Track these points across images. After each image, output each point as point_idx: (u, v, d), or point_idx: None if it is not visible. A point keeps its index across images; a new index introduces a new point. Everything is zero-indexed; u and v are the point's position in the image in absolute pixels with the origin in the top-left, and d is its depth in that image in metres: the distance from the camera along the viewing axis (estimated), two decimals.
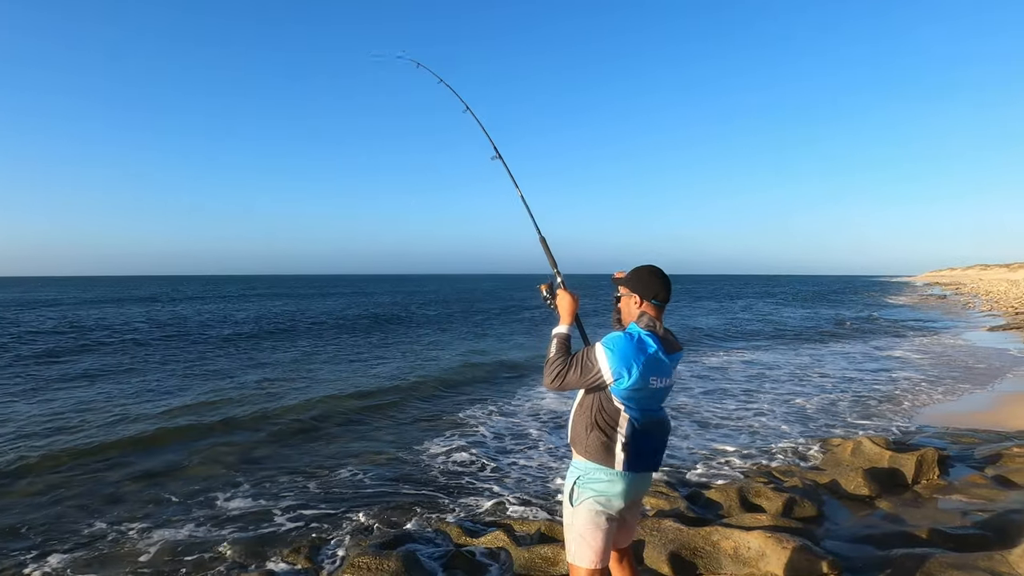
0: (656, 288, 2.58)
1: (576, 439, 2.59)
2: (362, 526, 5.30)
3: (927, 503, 5.34)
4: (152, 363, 15.40)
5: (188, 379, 13.08)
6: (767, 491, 5.28)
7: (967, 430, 8.00)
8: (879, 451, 6.22)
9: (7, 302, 47.06)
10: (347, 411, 9.97)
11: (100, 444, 7.87)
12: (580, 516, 2.56)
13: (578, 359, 2.49)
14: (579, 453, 2.58)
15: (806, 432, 8.30)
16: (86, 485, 6.48)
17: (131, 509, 5.82)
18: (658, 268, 2.64)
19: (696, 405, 10.13)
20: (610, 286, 2.79)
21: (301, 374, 13.79)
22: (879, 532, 4.61)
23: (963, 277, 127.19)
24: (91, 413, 9.69)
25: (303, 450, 7.79)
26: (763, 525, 4.38)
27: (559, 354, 2.56)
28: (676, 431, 8.37)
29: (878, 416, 9.24)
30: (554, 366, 2.53)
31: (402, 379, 12.96)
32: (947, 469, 6.12)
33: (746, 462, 6.92)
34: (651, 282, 2.59)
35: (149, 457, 7.46)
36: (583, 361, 2.47)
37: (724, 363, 15.26)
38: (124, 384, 12.40)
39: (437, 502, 5.89)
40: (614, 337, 2.48)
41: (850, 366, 14.63)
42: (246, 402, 10.57)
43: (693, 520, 4.71)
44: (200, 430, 8.69)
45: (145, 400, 10.77)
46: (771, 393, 11.25)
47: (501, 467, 6.95)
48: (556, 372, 2.51)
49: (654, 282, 2.58)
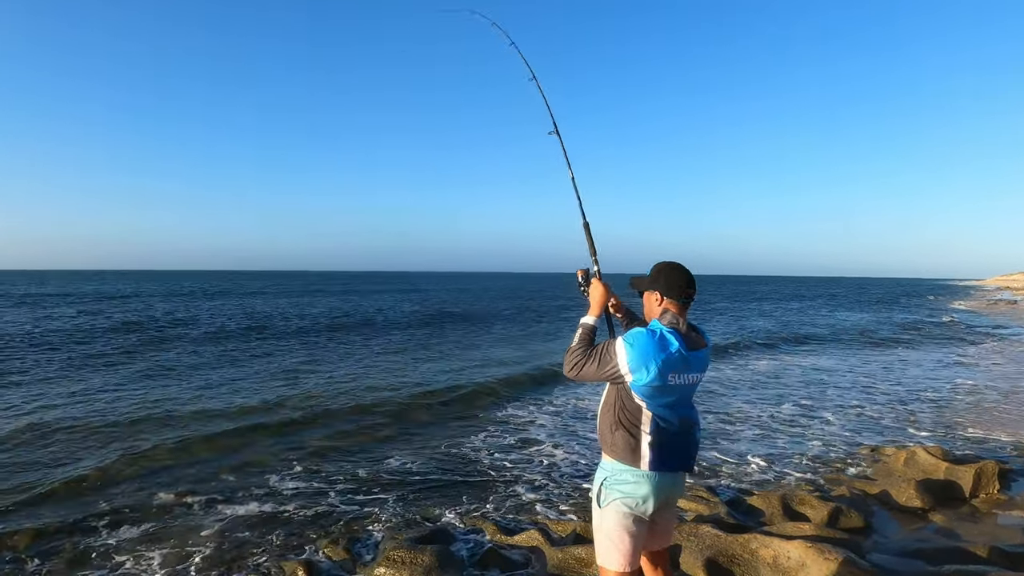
0: (679, 284, 2.53)
1: (603, 438, 2.57)
2: (400, 519, 5.38)
3: (985, 518, 5.08)
4: (227, 358, 15.98)
5: (259, 375, 13.53)
6: (812, 499, 5.12)
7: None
8: (935, 462, 5.95)
9: (98, 295, 49.32)
10: (398, 406, 10.10)
11: (183, 440, 8.12)
12: (608, 518, 2.52)
13: (598, 351, 2.48)
14: (606, 453, 2.55)
15: (858, 440, 7.99)
16: (164, 470, 6.82)
17: (195, 493, 6.09)
18: (680, 264, 2.59)
19: (745, 409, 9.89)
20: (631, 283, 2.75)
21: (359, 369, 14.08)
22: (931, 547, 4.40)
23: None
24: (181, 404, 10.14)
25: (353, 443, 7.95)
26: (805, 535, 4.24)
27: (581, 344, 2.57)
28: (721, 435, 8.20)
29: (936, 425, 8.83)
30: (574, 355, 2.53)
31: (455, 375, 13.11)
32: (1008, 483, 5.81)
33: (792, 469, 6.72)
34: (673, 278, 2.54)
35: (211, 448, 7.75)
36: (602, 354, 2.46)
37: (778, 367, 14.87)
38: (201, 379, 12.93)
39: (476, 498, 5.93)
40: (635, 332, 2.44)
41: (909, 372, 14.05)
42: (314, 395, 10.88)
43: (732, 527, 4.59)
44: (270, 427, 8.89)
45: (222, 394, 11.22)
46: (823, 398, 10.90)
47: (541, 466, 6.94)
48: (575, 362, 2.51)
49: (676, 278, 2.54)
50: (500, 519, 5.24)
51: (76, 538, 5.08)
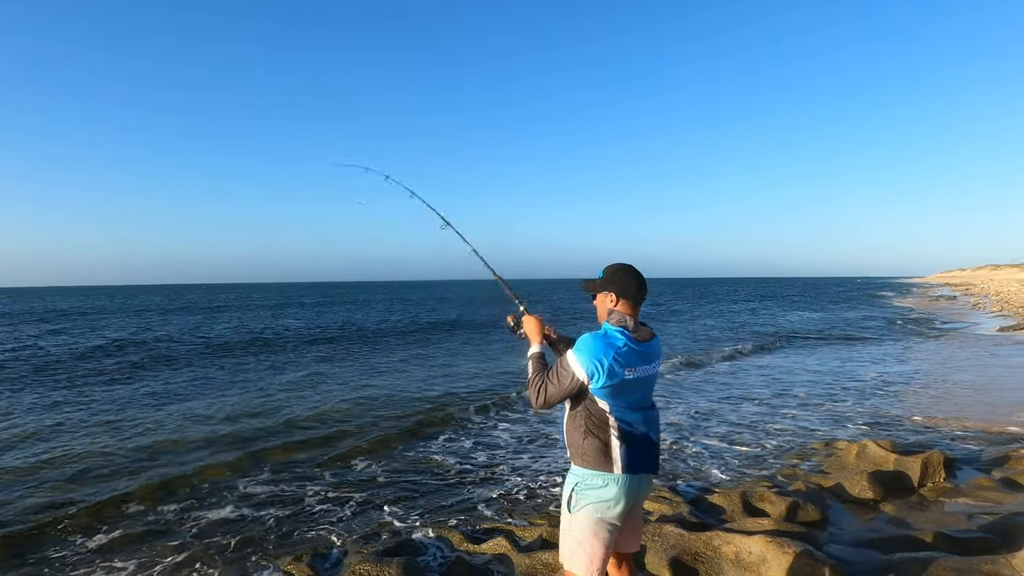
0: (630, 285, 2.62)
1: (573, 448, 2.61)
2: (365, 532, 5.31)
3: (932, 506, 5.29)
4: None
5: (212, 387, 13.16)
6: (770, 495, 5.25)
7: (975, 432, 7.93)
8: (884, 454, 6.17)
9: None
10: (359, 417, 10.00)
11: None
12: (578, 523, 2.57)
13: (554, 370, 2.55)
14: (576, 461, 2.59)
15: (812, 435, 8.24)
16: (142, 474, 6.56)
17: (150, 510, 5.89)
18: (631, 266, 2.69)
19: (703, 409, 10.09)
20: (582, 286, 2.82)
21: (312, 383, 13.85)
22: (883, 536, 4.57)
23: (973, 278, 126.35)
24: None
25: (313, 456, 7.80)
26: (765, 530, 4.34)
27: (536, 372, 2.63)
28: (682, 435, 8.34)
29: (884, 418, 9.17)
30: (535, 385, 2.58)
31: (419, 385, 13.00)
32: (954, 472, 6.06)
33: (751, 466, 6.89)
34: (626, 279, 2.63)
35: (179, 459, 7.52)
36: (558, 371, 2.52)
37: (732, 367, 15.21)
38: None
39: (441, 508, 5.90)
40: (581, 339, 2.53)
41: (855, 368, 14.54)
42: (273, 408, 10.64)
43: (695, 525, 4.67)
44: (228, 440, 8.75)
45: (177, 406, 10.86)
46: (778, 396, 11.20)
47: (507, 473, 6.95)
48: (538, 390, 2.56)
49: (628, 280, 2.62)
50: (466, 528, 5.22)
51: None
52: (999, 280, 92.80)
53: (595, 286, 2.71)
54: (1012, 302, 36.67)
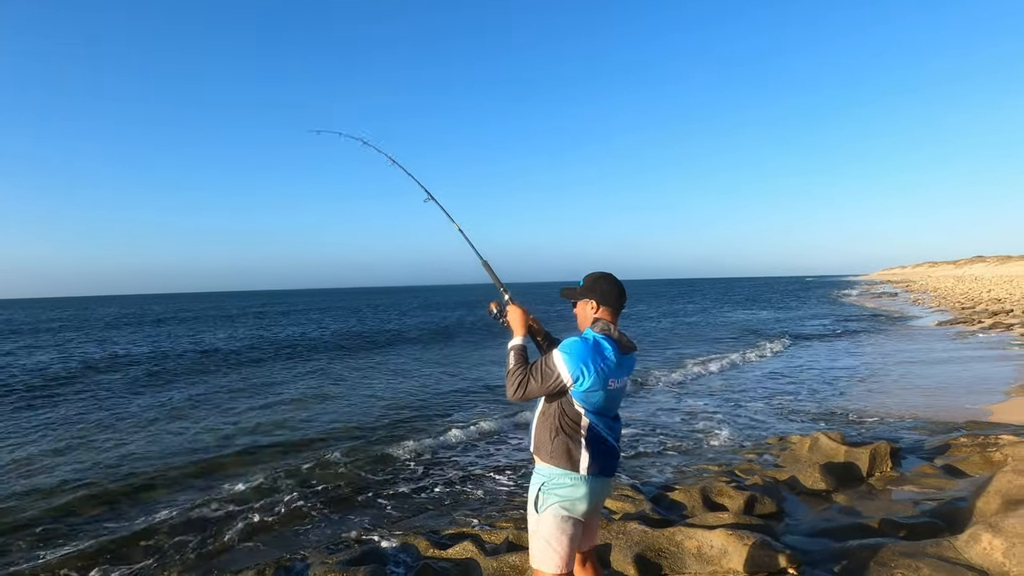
0: (612, 293, 2.66)
1: (540, 446, 2.63)
2: (329, 542, 5.24)
3: (881, 495, 5.52)
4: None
5: (170, 400, 12.75)
6: (729, 490, 5.39)
7: (919, 422, 8.30)
8: (835, 446, 6.41)
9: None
10: (321, 426, 9.84)
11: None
12: (545, 522, 2.59)
13: (538, 367, 2.54)
14: (543, 460, 2.61)
15: (766, 431, 8.50)
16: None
17: (108, 526, 5.67)
18: (611, 274, 2.72)
19: (663, 408, 10.28)
20: (563, 293, 2.86)
21: (276, 396, 13.55)
22: (836, 525, 4.75)
23: (912, 275, 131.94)
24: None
25: (273, 466, 7.64)
26: (725, 523, 4.47)
27: (518, 364, 2.61)
28: (642, 435, 8.48)
29: (834, 412, 9.51)
30: (515, 377, 2.57)
31: (379, 392, 12.86)
32: (900, 461, 6.34)
33: (709, 462, 7.05)
34: (607, 288, 2.67)
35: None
36: (543, 368, 2.52)
37: (684, 366, 15.51)
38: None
39: (406, 514, 5.87)
40: (570, 342, 2.54)
41: (803, 364, 15.05)
42: (235, 420, 10.35)
43: (658, 522, 4.77)
44: (185, 450, 8.49)
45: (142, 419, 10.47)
46: (731, 393, 11.49)
47: (471, 477, 6.95)
48: (518, 383, 2.55)
49: (609, 288, 2.67)
50: (432, 534, 5.20)
51: None
52: (936, 277, 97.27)
53: (576, 293, 2.74)
54: (948, 298, 38.44)
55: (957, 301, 34.26)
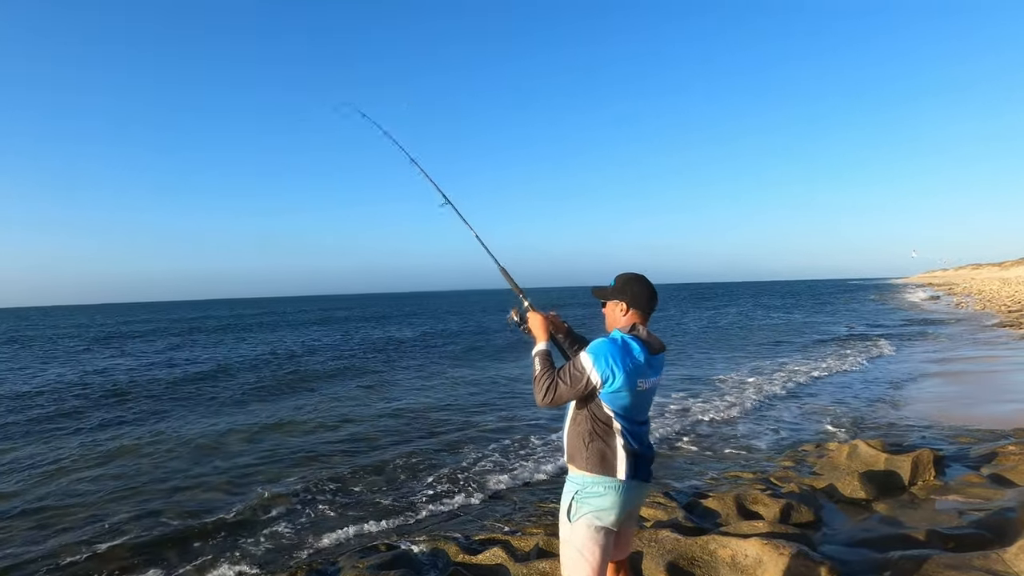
0: (643, 296, 2.62)
1: (574, 453, 2.57)
2: (360, 547, 5.27)
3: (924, 504, 5.33)
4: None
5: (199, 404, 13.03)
6: (764, 498, 5.27)
7: (963, 429, 8.02)
8: (875, 454, 6.22)
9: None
10: (352, 432, 9.95)
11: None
12: (578, 532, 2.53)
13: (566, 370, 2.50)
14: (578, 467, 2.56)
15: (804, 438, 8.30)
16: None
17: (138, 538, 5.81)
18: (643, 276, 2.68)
19: (693, 414, 10.12)
20: (591, 298, 2.82)
21: (308, 399, 13.74)
22: (876, 535, 4.61)
23: (955, 277, 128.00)
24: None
25: (305, 473, 7.74)
26: (760, 532, 4.37)
27: (544, 369, 2.56)
28: (675, 440, 8.37)
29: (875, 418, 9.26)
30: (543, 382, 2.52)
31: (409, 399, 12.95)
32: (943, 469, 6.12)
33: (744, 469, 6.92)
34: (638, 290, 2.63)
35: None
36: (571, 371, 2.47)
37: (720, 371, 15.28)
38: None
39: (436, 520, 5.88)
40: (598, 342, 2.51)
41: (846, 369, 14.67)
42: (263, 424, 10.55)
43: (691, 530, 4.69)
44: (216, 454, 8.66)
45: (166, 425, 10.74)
46: (769, 399, 11.27)
47: (501, 484, 6.93)
48: (546, 387, 2.50)
49: (640, 290, 2.63)
50: (462, 539, 5.20)
51: None
52: (980, 279, 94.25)
53: (606, 294, 2.70)
54: (994, 300, 37.19)
55: (1003, 304, 33.14)
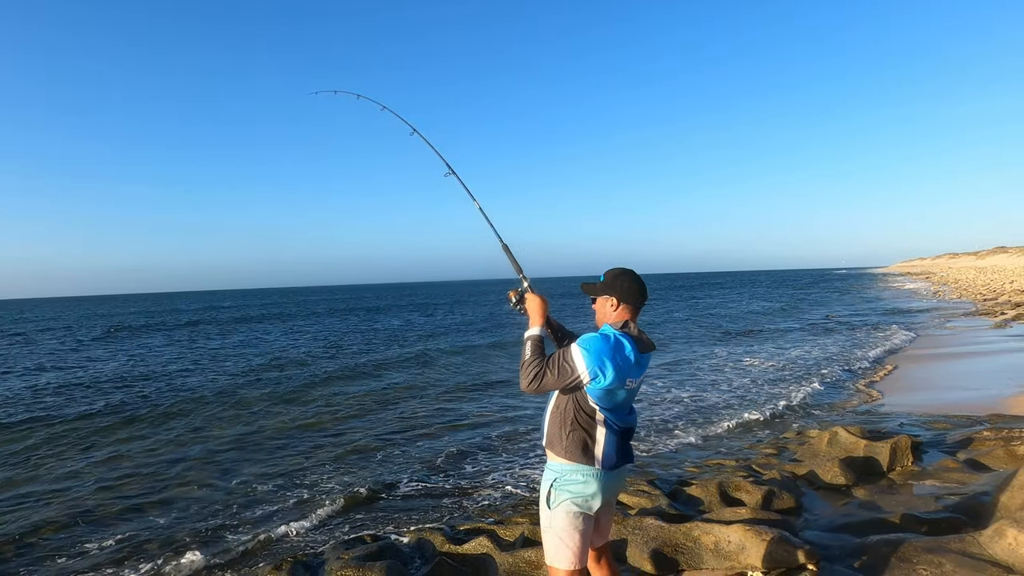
0: (633, 291, 2.61)
1: (553, 441, 2.58)
2: (346, 538, 5.26)
3: (902, 489, 5.43)
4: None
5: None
6: (747, 485, 5.33)
7: (939, 416, 8.17)
8: (854, 440, 6.31)
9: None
10: (333, 421, 9.92)
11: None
12: (558, 518, 2.56)
13: (555, 360, 2.47)
14: (556, 455, 2.57)
15: (784, 424, 8.42)
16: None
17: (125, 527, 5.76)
18: (633, 271, 2.67)
19: (679, 400, 10.22)
20: (583, 288, 2.80)
21: (293, 388, 13.66)
22: (856, 520, 4.69)
23: (933, 266, 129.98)
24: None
25: (288, 465, 7.71)
26: (742, 519, 4.42)
27: (534, 356, 2.54)
28: (658, 429, 8.44)
29: (855, 405, 9.40)
30: (530, 368, 2.50)
31: (387, 387, 12.94)
32: (921, 455, 6.22)
33: (727, 457, 6.99)
34: (627, 285, 2.62)
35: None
36: (560, 362, 2.46)
37: (703, 359, 15.41)
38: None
39: (421, 510, 5.89)
40: (589, 338, 2.49)
41: (824, 356, 14.87)
42: (245, 416, 10.46)
43: (675, 517, 4.74)
44: (198, 447, 8.58)
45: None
46: (750, 386, 11.40)
47: (483, 473, 6.95)
48: (533, 374, 2.48)
49: (630, 285, 2.62)
50: (447, 529, 5.22)
51: None
52: (957, 268, 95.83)
53: (596, 289, 2.69)
54: (970, 289, 37.84)
55: (979, 292, 33.73)
